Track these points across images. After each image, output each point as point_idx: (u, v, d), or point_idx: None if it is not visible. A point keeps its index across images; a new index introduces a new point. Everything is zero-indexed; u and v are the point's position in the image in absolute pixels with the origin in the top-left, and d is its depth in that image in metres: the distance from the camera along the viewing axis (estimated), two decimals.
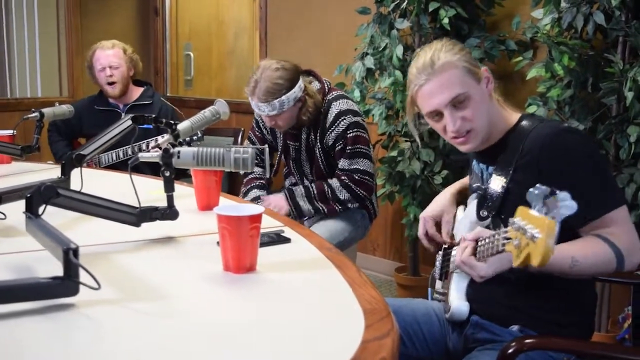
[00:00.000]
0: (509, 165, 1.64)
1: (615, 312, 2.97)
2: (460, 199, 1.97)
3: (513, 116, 1.71)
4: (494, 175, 1.68)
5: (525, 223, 1.19)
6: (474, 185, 1.80)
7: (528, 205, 1.19)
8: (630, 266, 1.54)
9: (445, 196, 1.94)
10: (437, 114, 1.67)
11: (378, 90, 3.50)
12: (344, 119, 2.68)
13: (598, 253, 1.52)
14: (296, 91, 2.63)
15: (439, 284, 1.87)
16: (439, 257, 1.89)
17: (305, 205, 2.74)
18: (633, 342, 1.84)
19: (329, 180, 2.75)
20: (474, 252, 1.51)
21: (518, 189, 1.60)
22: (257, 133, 2.95)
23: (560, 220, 1.14)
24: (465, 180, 2.00)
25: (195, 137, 2.83)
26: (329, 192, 2.72)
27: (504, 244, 1.35)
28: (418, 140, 2.03)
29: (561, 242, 1.54)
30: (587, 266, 1.51)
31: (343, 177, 2.71)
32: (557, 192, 1.15)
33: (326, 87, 2.77)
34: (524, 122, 1.68)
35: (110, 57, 3.54)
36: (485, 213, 1.67)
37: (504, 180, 1.64)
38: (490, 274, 1.50)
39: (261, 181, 2.96)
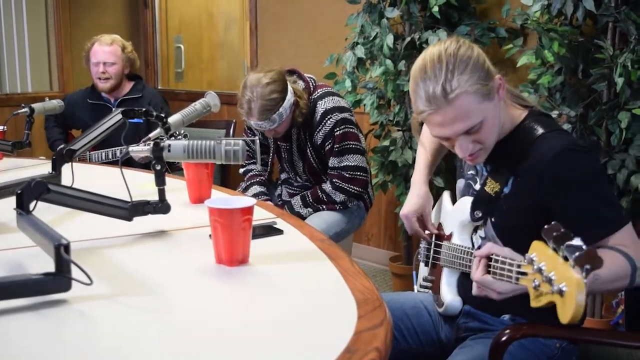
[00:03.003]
0: (507, 170, 1.59)
1: (609, 297, 2.99)
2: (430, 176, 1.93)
3: (520, 113, 1.63)
4: (489, 179, 1.64)
5: (545, 266, 1.17)
6: (468, 173, 1.75)
7: (522, 216, 1.15)
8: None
9: (421, 190, 1.87)
10: (447, 138, 1.56)
11: (369, 80, 3.49)
12: (330, 117, 2.65)
13: (617, 265, 1.45)
14: (290, 98, 2.60)
15: (424, 270, 1.87)
16: (423, 243, 1.88)
17: (304, 210, 2.74)
18: (626, 327, 1.85)
19: (323, 186, 2.75)
20: (487, 270, 1.45)
21: (513, 197, 1.58)
22: (250, 135, 2.94)
23: (587, 280, 1.10)
24: (428, 159, 1.93)
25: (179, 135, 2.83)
26: (324, 197, 2.72)
27: (517, 278, 1.32)
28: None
29: None
30: (606, 280, 1.42)
31: (335, 180, 2.71)
32: (574, 239, 1.12)
33: (311, 86, 2.74)
34: (530, 123, 1.59)
35: (107, 54, 3.51)
36: (480, 214, 1.64)
37: (499, 186, 1.61)
38: (509, 292, 1.44)
39: (262, 177, 2.95)
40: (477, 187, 1.70)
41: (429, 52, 1.54)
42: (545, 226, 1.16)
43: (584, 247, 1.11)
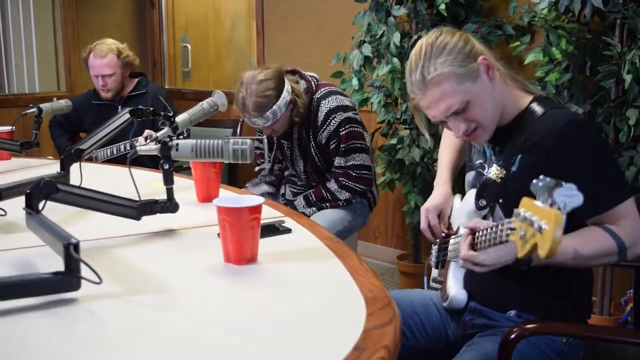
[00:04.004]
0: (514, 150, 1.61)
1: (618, 295, 2.98)
2: (455, 177, 1.97)
3: (525, 98, 1.66)
4: (494, 165, 1.66)
5: (530, 214, 1.18)
6: (476, 162, 1.78)
7: (531, 194, 1.17)
8: (634, 256, 1.54)
9: (444, 189, 1.91)
10: (441, 121, 1.64)
11: (376, 78, 3.49)
12: (335, 117, 2.66)
13: (600, 244, 1.51)
14: (285, 96, 2.60)
15: (435, 272, 1.87)
16: (434, 247, 1.89)
17: (308, 210, 2.74)
18: (635, 324, 1.85)
19: (327, 184, 2.75)
20: (472, 245, 1.51)
21: (521, 174, 1.59)
22: (258, 132, 2.95)
23: (567, 212, 1.13)
24: (452, 159, 1.98)
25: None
26: (328, 196, 2.73)
27: (507, 235, 1.33)
28: (429, 137, 1.98)
29: (564, 234, 1.54)
30: (588, 257, 1.50)
31: (341, 178, 2.71)
32: (563, 183, 1.14)
33: (313, 85, 2.74)
34: (535, 105, 1.63)
35: (103, 67, 3.49)
36: (484, 202, 1.66)
37: (504, 170, 1.62)
38: (491, 263, 1.49)
39: (272, 177, 2.96)
40: (487, 172, 1.71)
41: (415, 46, 1.64)
42: (534, 180, 1.17)
43: (564, 184, 1.13)
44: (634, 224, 1.53)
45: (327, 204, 2.75)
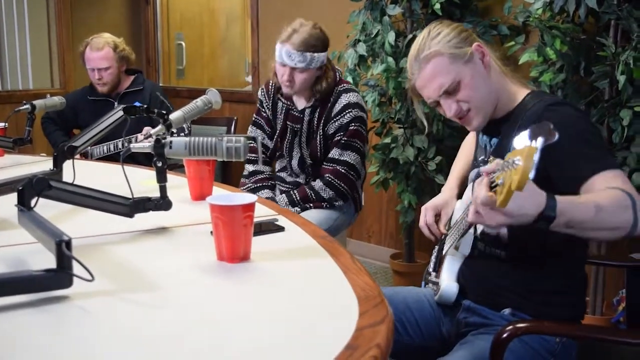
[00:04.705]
0: (508, 140, 1.63)
1: (610, 295, 2.99)
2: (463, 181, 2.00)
3: (521, 92, 1.71)
4: (492, 157, 1.68)
5: (509, 159, 1.17)
6: (479, 159, 1.80)
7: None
8: None
9: (449, 193, 1.95)
10: (435, 102, 1.70)
11: (371, 77, 3.49)
12: (351, 111, 2.68)
13: (613, 195, 1.37)
14: (325, 55, 2.68)
15: (432, 276, 1.88)
16: (434, 252, 1.90)
17: (291, 209, 2.74)
18: (627, 324, 1.85)
19: (312, 183, 2.76)
20: (491, 187, 1.29)
21: None
22: (264, 114, 2.92)
23: (541, 147, 1.13)
24: (462, 170, 2.02)
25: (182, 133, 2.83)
26: (312, 195, 2.73)
27: (491, 190, 1.27)
28: (426, 124, 2.03)
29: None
30: (609, 209, 1.34)
31: (327, 175, 2.72)
32: (541, 122, 1.15)
33: (337, 77, 2.78)
34: (529, 98, 1.67)
35: (99, 60, 3.50)
36: None
37: (501, 159, 1.63)
38: (512, 209, 1.25)
39: (272, 181, 2.95)
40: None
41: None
42: (516, 136, 1.18)
43: (540, 122, 1.15)
44: (629, 184, 1.44)
45: (311, 205, 2.74)
